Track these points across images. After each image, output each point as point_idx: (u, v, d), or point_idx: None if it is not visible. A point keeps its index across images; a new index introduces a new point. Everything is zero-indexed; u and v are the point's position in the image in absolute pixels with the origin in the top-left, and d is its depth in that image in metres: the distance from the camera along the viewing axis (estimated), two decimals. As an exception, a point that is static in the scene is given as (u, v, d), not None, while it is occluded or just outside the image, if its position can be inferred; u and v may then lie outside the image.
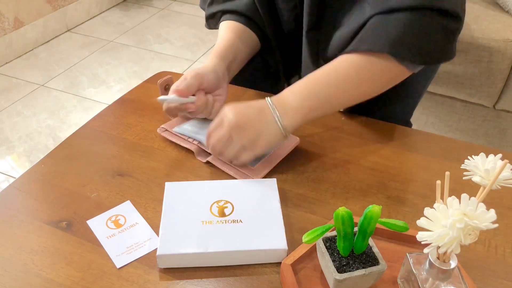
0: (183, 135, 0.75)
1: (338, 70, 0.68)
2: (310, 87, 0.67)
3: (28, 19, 2.46)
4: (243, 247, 0.55)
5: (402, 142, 0.77)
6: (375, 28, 0.66)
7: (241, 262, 0.56)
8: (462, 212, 0.41)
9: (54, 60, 2.45)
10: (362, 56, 0.67)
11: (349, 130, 0.80)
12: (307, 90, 0.67)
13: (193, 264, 0.56)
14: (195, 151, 0.72)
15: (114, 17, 2.92)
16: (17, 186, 0.68)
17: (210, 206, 0.61)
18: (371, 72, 0.67)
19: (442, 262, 0.46)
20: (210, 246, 0.55)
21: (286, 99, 0.67)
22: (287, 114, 0.66)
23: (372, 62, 0.67)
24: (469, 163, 0.49)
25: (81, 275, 0.55)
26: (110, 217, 0.62)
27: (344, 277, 0.48)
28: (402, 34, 0.64)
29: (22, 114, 2.05)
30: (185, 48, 2.59)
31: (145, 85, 0.91)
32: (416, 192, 0.67)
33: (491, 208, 0.41)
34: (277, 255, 0.56)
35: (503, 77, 1.41)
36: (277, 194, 0.63)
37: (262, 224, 0.58)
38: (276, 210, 0.60)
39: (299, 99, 0.67)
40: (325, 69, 0.69)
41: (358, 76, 0.67)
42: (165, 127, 0.77)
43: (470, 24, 1.41)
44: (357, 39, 0.68)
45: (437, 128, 1.66)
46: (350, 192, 0.67)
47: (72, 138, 0.77)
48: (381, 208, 0.48)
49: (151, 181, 0.68)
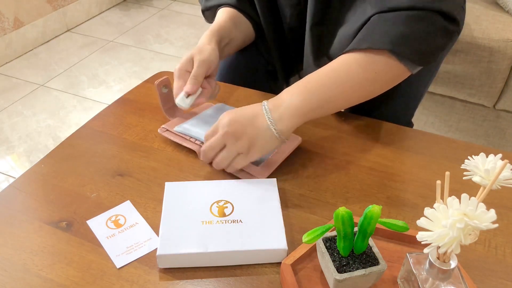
0: (185, 135, 0.75)
1: (338, 70, 0.67)
2: (309, 87, 0.67)
3: (28, 19, 2.46)
4: (243, 247, 0.55)
5: (402, 142, 0.77)
6: (375, 27, 0.66)
7: (241, 262, 0.56)
8: (462, 212, 0.41)
9: (54, 60, 2.45)
10: (362, 55, 0.67)
11: (349, 130, 0.80)
12: (306, 91, 0.66)
13: (193, 264, 0.56)
14: (197, 152, 0.72)
15: (114, 17, 2.92)
16: (17, 186, 0.68)
17: (210, 206, 0.61)
18: (371, 72, 0.67)
19: (442, 262, 0.46)
20: (210, 246, 0.55)
21: (283, 102, 0.66)
22: (283, 118, 0.65)
23: (373, 62, 0.67)
24: (469, 163, 0.49)
25: (81, 275, 0.55)
26: (110, 217, 0.62)
27: (344, 277, 0.48)
28: (402, 32, 0.64)
29: (22, 114, 2.05)
30: (185, 48, 2.58)
31: (145, 85, 0.91)
32: (416, 192, 0.67)
33: (491, 208, 0.41)
34: (277, 255, 0.56)
35: (503, 77, 1.41)
36: (277, 194, 0.63)
37: (262, 224, 0.58)
38: (276, 210, 0.60)
39: (297, 100, 0.66)
40: (325, 69, 0.68)
41: (358, 77, 0.67)
42: (165, 127, 0.76)
43: (470, 24, 1.41)
44: (357, 38, 0.68)
45: (437, 128, 1.66)
46: (350, 192, 0.67)
47: (72, 138, 0.77)
48: (381, 208, 0.48)
49: (151, 181, 0.68)
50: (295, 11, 0.84)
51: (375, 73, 0.67)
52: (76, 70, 2.37)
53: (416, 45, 0.66)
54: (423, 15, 0.64)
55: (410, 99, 0.91)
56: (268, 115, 0.64)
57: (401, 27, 0.64)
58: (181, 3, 3.08)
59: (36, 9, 2.50)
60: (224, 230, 0.57)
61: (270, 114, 0.64)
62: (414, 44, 0.65)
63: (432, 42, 0.67)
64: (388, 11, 0.65)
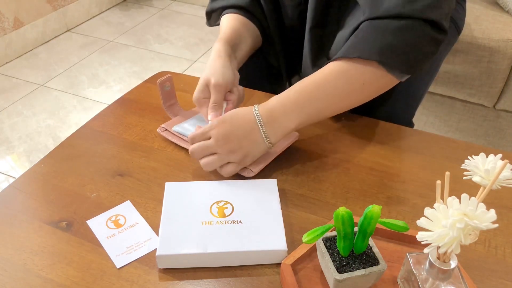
0: (183, 135, 0.75)
1: (327, 81, 0.67)
2: (301, 102, 0.67)
3: (28, 19, 2.46)
4: (243, 248, 0.55)
5: (402, 142, 0.77)
6: (365, 35, 0.67)
7: (240, 263, 0.56)
8: (462, 212, 0.41)
9: (54, 60, 2.45)
10: (351, 64, 0.67)
11: (349, 130, 0.80)
12: (298, 106, 0.67)
13: (193, 264, 0.56)
14: None
15: (114, 17, 2.92)
16: (17, 186, 0.68)
17: (210, 206, 0.61)
18: (359, 83, 0.67)
19: (442, 262, 0.46)
20: (210, 246, 0.55)
21: (276, 118, 0.67)
22: (276, 133, 0.66)
23: (361, 73, 0.67)
24: (469, 163, 0.49)
25: (81, 275, 0.55)
26: (110, 217, 0.62)
27: (344, 277, 0.48)
28: (391, 42, 0.65)
29: (22, 114, 2.05)
30: (185, 48, 2.59)
31: (145, 85, 0.91)
32: (416, 192, 0.67)
33: (491, 208, 0.41)
34: (277, 256, 0.56)
35: (503, 77, 1.41)
36: (277, 194, 0.63)
37: (262, 225, 0.58)
38: (276, 211, 0.60)
39: (290, 117, 0.67)
40: (315, 79, 0.68)
41: (348, 88, 0.68)
42: (165, 126, 0.76)
43: (470, 24, 1.40)
44: (347, 45, 0.68)
45: (437, 128, 1.66)
46: (350, 192, 0.67)
47: (72, 138, 0.77)
48: (381, 208, 0.48)
49: (151, 181, 0.68)
50: (296, 12, 0.84)
51: (363, 84, 0.68)
52: (76, 70, 2.37)
53: (404, 56, 0.66)
54: (412, 25, 0.64)
55: (411, 99, 0.91)
56: (263, 129, 0.66)
57: (389, 37, 0.64)
58: (181, 3, 3.08)
59: (36, 9, 2.50)
60: (223, 231, 0.57)
61: (265, 128, 0.66)
62: (402, 55, 0.66)
63: (420, 51, 0.67)
64: (378, 18, 0.65)
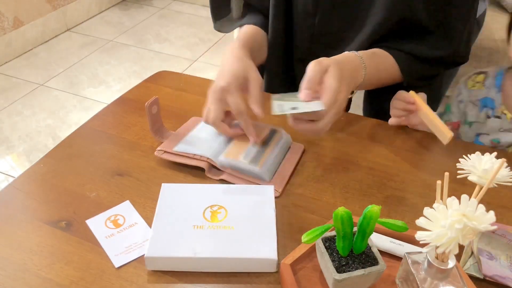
0: (188, 153, 0.70)
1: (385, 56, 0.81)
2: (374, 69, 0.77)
3: (27, 18, 2.46)
4: (231, 255, 0.54)
5: (402, 142, 0.77)
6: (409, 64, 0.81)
7: (229, 270, 0.55)
8: (462, 213, 0.41)
9: (54, 59, 2.45)
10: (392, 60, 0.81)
11: (349, 130, 0.80)
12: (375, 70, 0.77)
13: (181, 268, 0.55)
14: (206, 168, 0.68)
15: (113, 16, 2.92)
16: (17, 185, 0.68)
17: (203, 210, 0.60)
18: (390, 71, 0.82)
19: (441, 262, 0.46)
20: (198, 251, 0.54)
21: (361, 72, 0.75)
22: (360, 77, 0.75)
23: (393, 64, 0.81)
24: (466, 163, 0.49)
25: (80, 275, 0.55)
26: (109, 217, 0.62)
27: (343, 277, 0.48)
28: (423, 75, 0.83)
29: (22, 113, 2.05)
30: (185, 48, 2.59)
31: (145, 85, 0.91)
32: (415, 192, 0.67)
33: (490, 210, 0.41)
34: (266, 264, 0.55)
35: (503, 77, 1.41)
36: (273, 201, 0.62)
37: (253, 232, 0.57)
38: (270, 218, 0.59)
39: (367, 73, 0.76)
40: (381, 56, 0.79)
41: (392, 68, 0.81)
42: (162, 149, 0.71)
43: (470, 24, 1.40)
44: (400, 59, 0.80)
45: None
46: (349, 192, 0.67)
47: (72, 138, 0.77)
48: (380, 208, 0.48)
49: (151, 181, 0.68)
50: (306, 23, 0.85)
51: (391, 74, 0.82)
52: (76, 70, 2.37)
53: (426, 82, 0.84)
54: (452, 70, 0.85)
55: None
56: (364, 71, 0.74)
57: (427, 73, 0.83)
58: (181, 3, 3.08)
59: (36, 8, 2.50)
60: (214, 236, 0.56)
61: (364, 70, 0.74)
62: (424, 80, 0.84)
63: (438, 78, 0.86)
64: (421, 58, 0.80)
